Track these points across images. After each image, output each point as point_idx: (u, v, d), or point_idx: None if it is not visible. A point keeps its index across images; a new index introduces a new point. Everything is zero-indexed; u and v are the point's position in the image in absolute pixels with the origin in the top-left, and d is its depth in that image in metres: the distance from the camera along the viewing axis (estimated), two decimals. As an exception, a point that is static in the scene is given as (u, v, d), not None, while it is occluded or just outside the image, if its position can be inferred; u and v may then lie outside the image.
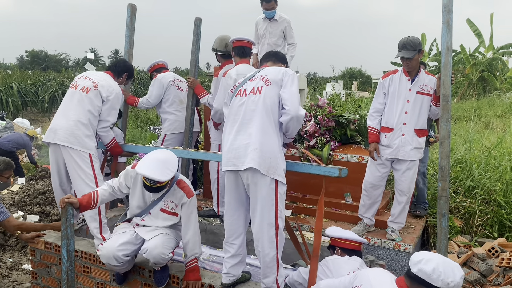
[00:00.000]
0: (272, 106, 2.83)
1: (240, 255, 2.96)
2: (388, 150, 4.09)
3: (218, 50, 4.57)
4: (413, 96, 3.98)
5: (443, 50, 3.65)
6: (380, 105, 4.14)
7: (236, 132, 2.84)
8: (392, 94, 4.06)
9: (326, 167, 3.01)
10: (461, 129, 9.09)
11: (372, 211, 4.29)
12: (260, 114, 2.80)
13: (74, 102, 3.73)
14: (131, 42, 4.68)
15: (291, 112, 2.78)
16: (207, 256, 3.67)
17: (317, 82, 36.09)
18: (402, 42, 3.93)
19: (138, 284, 3.35)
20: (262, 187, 2.72)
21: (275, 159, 2.75)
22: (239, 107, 2.91)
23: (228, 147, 2.84)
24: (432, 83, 4.01)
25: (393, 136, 4.05)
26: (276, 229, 2.74)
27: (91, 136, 3.71)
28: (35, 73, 28.75)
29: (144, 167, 2.87)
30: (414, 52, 3.87)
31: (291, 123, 2.82)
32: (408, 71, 4.00)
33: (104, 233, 3.59)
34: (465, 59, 19.58)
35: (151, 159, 2.94)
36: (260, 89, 2.88)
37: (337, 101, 5.82)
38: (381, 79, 4.18)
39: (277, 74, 2.91)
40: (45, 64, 59.22)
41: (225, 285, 2.97)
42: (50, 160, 3.83)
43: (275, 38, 5.62)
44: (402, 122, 4.01)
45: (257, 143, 2.73)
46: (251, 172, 2.73)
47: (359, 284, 2.21)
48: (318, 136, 5.02)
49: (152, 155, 3.00)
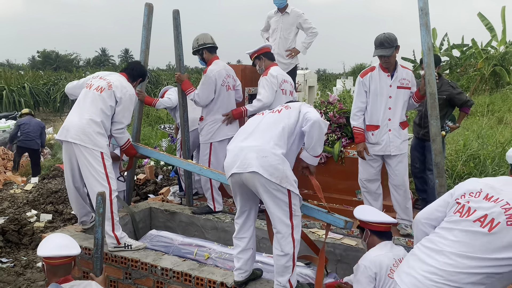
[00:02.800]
0: (289, 125, 2.84)
1: (250, 249, 2.95)
2: (378, 147, 4.11)
3: (207, 43, 4.61)
4: (394, 92, 4.04)
5: (425, 51, 3.73)
6: (362, 104, 4.14)
7: (246, 140, 2.83)
8: (374, 92, 4.07)
9: (333, 216, 2.98)
10: (474, 124, 8.99)
11: (378, 204, 4.27)
12: (275, 128, 2.81)
13: (88, 101, 3.75)
14: (148, 42, 4.67)
15: (312, 117, 2.78)
16: (218, 254, 3.67)
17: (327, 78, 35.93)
18: (379, 40, 3.95)
19: (150, 281, 3.37)
20: (274, 195, 2.67)
21: (287, 170, 2.70)
22: (254, 121, 2.98)
23: (236, 152, 2.79)
24: (409, 76, 4.09)
25: (380, 133, 4.09)
26: (292, 228, 2.72)
27: (103, 134, 3.72)
28: (46, 73, 29.08)
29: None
30: (392, 49, 3.92)
31: (314, 129, 2.77)
32: (386, 68, 4.04)
33: (117, 231, 3.60)
34: (477, 53, 19.31)
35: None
36: (279, 111, 2.97)
37: (347, 98, 5.76)
38: (360, 77, 4.17)
39: (296, 103, 3.05)
40: (56, 64, 59.75)
41: (238, 282, 2.96)
42: (64, 158, 3.86)
43: (286, 32, 5.60)
44: (387, 118, 4.06)
45: (269, 152, 2.69)
46: (262, 181, 2.65)
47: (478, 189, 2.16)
48: (329, 133, 4.99)
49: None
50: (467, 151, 5.85)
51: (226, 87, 4.58)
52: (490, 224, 1.98)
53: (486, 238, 1.96)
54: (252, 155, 2.68)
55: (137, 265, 3.42)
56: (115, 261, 3.52)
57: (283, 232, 2.71)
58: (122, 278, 3.51)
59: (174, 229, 4.66)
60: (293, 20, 5.68)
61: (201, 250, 3.73)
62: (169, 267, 3.28)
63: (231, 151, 2.83)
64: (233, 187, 2.86)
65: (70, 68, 46.74)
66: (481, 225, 2.00)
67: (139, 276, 3.43)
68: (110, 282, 3.57)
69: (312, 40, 5.67)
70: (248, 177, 2.68)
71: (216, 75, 4.49)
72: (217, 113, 4.59)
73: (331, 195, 4.88)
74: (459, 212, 2.10)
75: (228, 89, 4.61)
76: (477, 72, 18.91)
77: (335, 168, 4.93)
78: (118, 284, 3.54)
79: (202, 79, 4.54)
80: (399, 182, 4.11)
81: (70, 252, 2.69)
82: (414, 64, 20.03)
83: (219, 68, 4.55)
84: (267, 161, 2.64)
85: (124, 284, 3.50)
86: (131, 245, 3.59)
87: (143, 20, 4.65)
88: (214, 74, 4.48)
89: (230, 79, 4.65)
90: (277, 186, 2.63)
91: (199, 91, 4.49)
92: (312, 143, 2.82)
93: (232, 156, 2.78)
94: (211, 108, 4.59)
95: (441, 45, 20.74)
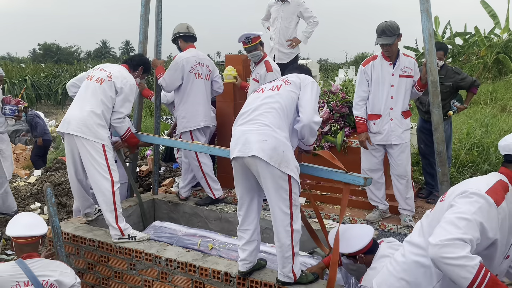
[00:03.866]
0: (288, 105, 2.81)
1: (255, 240, 2.94)
2: (379, 137, 4.11)
3: (181, 32, 4.65)
4: (396, 80, 4.02)
5: (426, 38, 3.71)
6: (364, 93, 4.14)
7: (248, 123, 2.80)
8: (376, 81, 4.07)
9: (351, 175, 2.94)
10: (477, 112, 8.95)
11: (381, 193, 4.29)
12: (276, 110, 2.77)
13: (89, 93, 3.74)
14: (146, 33, 4.66)
15: (304, 120, 2.78)
16: (222, 244, 3.68)
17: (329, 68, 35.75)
18: (381, 28, 3.92)
19: (154, 272, 3.39)
20: (275, 181, 2.65)
21: (288, 154, 2.68)
22: (254, 100, 2.92)
23: (238, 136, 2.78)
24: (412, 65, 4.05)
25: (381, 122, 4.08)
26: (291, 217, 2.71)
27: (104, 126, 3.71)
28: (47, 66, 29.00)
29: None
30: (394, 37, 3.90)
31: (305, 130, 2.80)
32: (389, 56, 4.01)
33: (120, 222, 3.61)
34: (479, 41, 19.15)
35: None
36: (279, 87, 2.90)
37: (350, 87, 5.74)
38: (362, 66, 4.15)
39: (297, 78, 2.95)
40: (57, 57, 59.74)
41: (242, 272, 2.97)
42: (66, 151, 3.85)
43: (287, 21, 5.56)
44: (389, 107, 4.05)
45: (270, 136, 2.67)
46: (262, 165, 2.63)
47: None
48: (332, 123, 4.97)
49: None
50: (471, 140, 5.82)
51: (195, 75, 4.56)
52: None
53: None
54: (253, 138, 2.67)
55: (141, 256, 3.43)
56: (119, 253, 3.53)
57: (282, 220, 2.70)
58: (126, 269, 3.52)
59: (177, 220, 4.67)
60: (294, 9, 5.64)
61: (205, 241, 3.74)
62: (173, 257, 3.29)
63: (234, 135, 2.83)
64: (236, 171, 2.85)
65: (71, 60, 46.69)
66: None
67: (143, 267, 3.44)
68: (115, 273, 3.59)
69: (313, 30, 5.63)
70: (250, 161, 2.68)
71: (184, 61, 4.50)
72: (187, 102, 4.59)
73: (334, 185, 4.87)
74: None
75: (198, 77, 4.59)
76: (480, 60, 18.78)
77: (338, 157, 4.86)
78: (122, 275, 3.55)
79: (170, 65, 4.58)
80: (401, 172, 4.10)
81: (36, 233, 2.86)
82: (417, 52, 19.89)
83: (189, 55, 4.57)
84: (267, 144, 2.63)
85: (128, 275, 3.52)
86: (135, 236, 3.60)
87: (140, 11, 4.62)
88: (182, 60, 4.50)
89: (202, 68, 4.62)
90: (277, 171, 2.61)
91: (165, 76, 4.51)
92: (303, 139, 2.88)
93: (235, 140, 2.78)
94: (181, 97, 4.61)
95: (444, 33, 20.58)
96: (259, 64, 4.69)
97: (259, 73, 4.65)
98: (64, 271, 2.90)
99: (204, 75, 4.63)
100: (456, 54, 20.28)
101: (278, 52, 5.55)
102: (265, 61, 4.70)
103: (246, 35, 4.60)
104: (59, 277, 2.82)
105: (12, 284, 2.72)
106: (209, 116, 4.71)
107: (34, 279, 2.74)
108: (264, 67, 4.65)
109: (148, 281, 3.44)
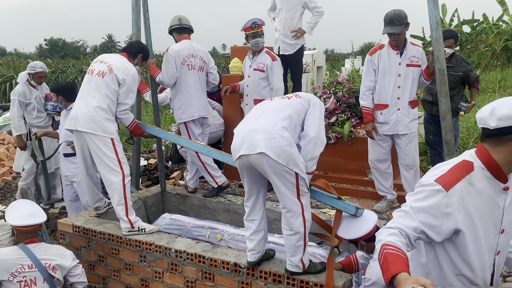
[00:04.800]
0: (296, 114, 2.80)
1: (262, 230, 2.96)
2: (386, 127, 4.09)
3: (174, 25, 4.69)
4: (403, 70, 3.98)
5: (433, 25, 3.65)
6: (371, 83, 4.11)
7: (254, 123, 2.80)
8: (383, 70, 4.03)
9: (344, 202, 2.91)
10: (486, 101, 8.87)
11: (389, 183, 4.28)
12: (284, 114, 2.77)
13: (92, 87, 3.74)
14: (138, 25, 4.65)
15: (310, 133, 2.76)
16: (231, 235, 3.71)
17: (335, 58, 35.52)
18: (388, 17, 3.87)
19: (165, 264, 3.43)
20: (282, 176, 2.65)
21: (294, 152, 2.67)
22: (263, 104, 2.97)
23: (244, 135, 2.77)
24: (419, 54, 4.01)
25: (388, 112, 4.06)
26: (302, 207, 2.73)
27: (112, 120, 3.73)
28: (54, 61, 29.08)
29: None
30: (402, 26, 3.85)
31: (310, 145, 2.75)
32: (396, 45, 3.97)
33: (130, 215, 3.65)
34: (488, 28, 18.91)
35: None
36: (289, 98, 2.95)
37: (356, 77, 5.72)
38: (369, 56, 4.12)
39: (307, 95, 2.98)
40: (63, 52, 59.84)
41: (251, 263, 3.00)
42: (75, 147, 3.88)
43: (292, 12, 5.52)
44: (396, 97, 4.02)
45: (277, 134, 2.66)
46: (270, 162, 2.62)
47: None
48: (339, 113, 4.96)
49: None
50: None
51: (188, 67, 4.58)
52: None
53: None
54: (260, 136, 2.66)
55: (151, 248, 3.48)
56: (129, 245, 3.58)
57: (294, 211, 2.72)
58: (137, 261, 3.57)
59: (186, 212, 4.71)
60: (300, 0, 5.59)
61: (213, 232, 3.77)
62: (183, 249, 3.32)
63: (238, 134, 2.82)
64: (240, 170, 2.86)
65: (77, 55, 46.76)
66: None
67: (153, 259, 3.49)
68: (125, 265, 3.64)
69: (318, 20, 5.59)
70: (256, 159, 2.67)
71: (175, 53, 4.53)
72: (181, 94, 4.62)
73: (341, 176, 4.88)
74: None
75: (191, 68, 4.60)
76: (488, 48, 18.56)
77: (345, 148, 4.92)
78: (133, 267, 3.60)
79: (163, 59, 4.62)
80: (410, 162, 4.09)
81: (37, 221, 3.10)
82: (424, 41, 19.70)
83: (180, 47, 4.59)
84: (275, 143, 2.62)
85: (139, 267, 3.57)
86: (145, 228, 3.64)
87: (131, 3, 4.60)
88: (173, 53, 4.53)
89: (195, 59, 4.63)
90: (284, 167, 2.62)
91: (163, 71, 4.54)
92: (306, 158, 2.76)
93: (240, 139, 2.77)
94: (176, 89, 4.64)
95: (451, 21, 20.34)
96: (260, 53, 4.71)
97: (263, 63, 4.66)
98: (64, 253, 3.19)
99: (198, 67, 4.65)
100: (464, 42, 20.05)
101: (282, 43, 5.52)
102: (266, 51, 4.73)
103: (254, 20, 4.62)
104: (60, 260, 3.11)
105: (17, 267, 2.91)
106: (204, 107, 4.73)
107: (37, 262, 2.98)
108: (269, 56, 4.67)
109: (158, 273, 3.48)
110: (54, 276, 3.04)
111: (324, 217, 3.90)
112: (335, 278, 2.78)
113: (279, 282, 2.93)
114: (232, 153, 2.85)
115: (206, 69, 4.77)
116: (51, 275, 3.02)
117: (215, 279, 3.20)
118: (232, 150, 2.84)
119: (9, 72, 19.64)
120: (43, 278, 2.98)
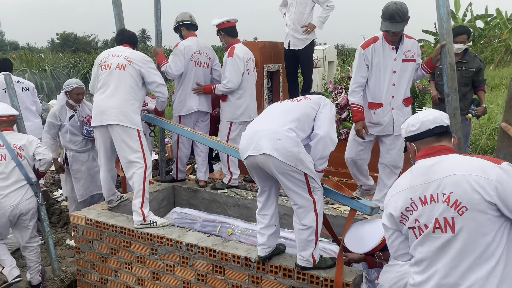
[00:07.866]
0: (305, 116, 2.80)
1: (273, 225, 2.97)
2: (378, 128, 3.82)
3: (184, 21, 4.75)
4: (399, 66, 3.68)
5: (444, 16, 3.36)
6: (363, 79, 3.78)
7: (261, 124, 2.82)
8: (377, 66, 3.71)
9: (358, 202, 2.89)
10: (499, 97, 8.78)
11: (365, 176, 4.13)
12: (292, 116, 2.77)
13: (114, 81, 3.78)
14: (121, 19, 4.62)
15: (321, 133, 2.74)
16: (241, 230, 3.73)
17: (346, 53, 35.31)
18: (389, 11, 3.48)
19: (176, 257, 3.46)
20: (291, 176, 2.64)
21: (301, 152, 2.66)
22: (271, 106, 3.00)
23: (250, 135, 2.78)
24: (414, 47, 3.74)
25: (382, 112, 3.78)
26: (314, 202, 2.74)
27: (138, 112, 3.84)
28: (66, 56, 29.35)
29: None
30: (403, 23, 3.51)
31: (320, 144, 2.73)
32: (392, 41, 3.67)
33: (145, 208, 3.68)
34: (501, 23, 18.67)
35: None
36: (298, 100, 2.95)
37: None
38: (362, 49, 3.75)
39: (317, 97, 2.98)
40: (75, 46, 60.25)
41: (262, 257, 3.01)
42: (97, 144, 3.95)
43: (302, 7, 5.50)
44: (390, 95, 3.75)
45: (283, 135, 2.65)
46: (276, 163, 2.62)
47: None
48: (349, 109, 4.95)
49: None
50: (492, 125, 5.74)
51: (195, 63, 4.66)
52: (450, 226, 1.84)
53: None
54: (266, 137, 2.67)
55: (162, 241, 3.51)
56: (141, 238, 3.61)
57: (305, 206, 2.72)
58: (148, 254, 3.61)
59: (197, 206, 4.74)
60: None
61: (224, 227, 3.80)
62: (194, 242, 3.35)
63: (245, 135, 2.84)
64: (249, 169, 2.88)
65: (88, 49, 47.08)
66: (442, 231, 1.86)
67: (165, 252, 3.52)
68: (137, 258, 3.68)
69: (328, 14, 5.55)
70: (262, 159, 2.68)
71: (186, 49, 4.60)
72: (184, 88, 4.71)
73: (352, 171, 4.87)
74: (415, 236, 1.97)
75: (198, 65, 4.68)
76: (501, 43, 18.33)
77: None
78: (145, 260, 3.64)
79: (173, 52, 4.68)
80: (395, 161, 3.89)
81: (13, 112, 4.04)
82: (436, 36, 19.50)
83: (190, 43, 4.66)
84: (281, 144, 2.62)
85: (150, 260, 3.61)
86: (156, 222, 3.67)
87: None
88: (183, 48, 4.61)
89: (202, 56, 4.72)
90: (292, 168, 2.62)
91: (171, 63, 4.60)
92: (316, 157, 2.75)
93: (247, 139, 2.79)
94: (180, 83, 4.72)
95: (464, 16, 20.11)
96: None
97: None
98: (30, 138, 3.97)
99: (203, 63, 4.74)
100: (477, 38, 19.83)
101: (293, 38, 5.50)
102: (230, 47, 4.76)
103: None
104: (25, 142, 3.91)
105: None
106: (205, 103, 4.79)
107: (6, 143, 3.83)
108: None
109: (169, 266, 3.52)
110: (21, 154, 3.84)
111: (335, 213, 3.90)
112: (345, 274, 2.78)
113: (289, 276, 2.94)
114: (240, 153, 2.88)
115: (211, 66, 4.85)
116: (18, 153, 3.83)
117: (225, 272, 3.23)
118: (240, 150, 2.87)
119: (22, 66, 19.84)
120: (11, 156, 3.80)
